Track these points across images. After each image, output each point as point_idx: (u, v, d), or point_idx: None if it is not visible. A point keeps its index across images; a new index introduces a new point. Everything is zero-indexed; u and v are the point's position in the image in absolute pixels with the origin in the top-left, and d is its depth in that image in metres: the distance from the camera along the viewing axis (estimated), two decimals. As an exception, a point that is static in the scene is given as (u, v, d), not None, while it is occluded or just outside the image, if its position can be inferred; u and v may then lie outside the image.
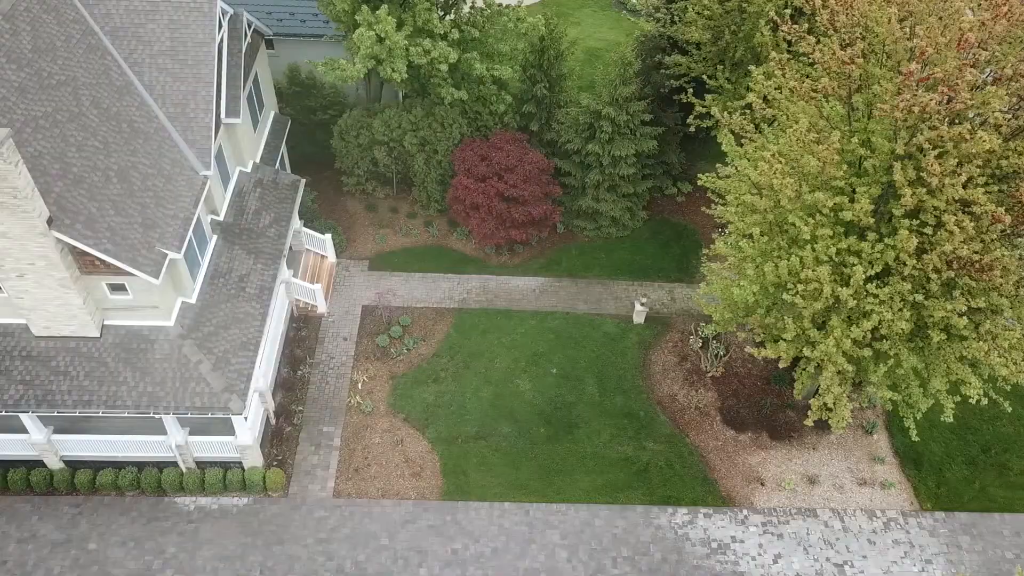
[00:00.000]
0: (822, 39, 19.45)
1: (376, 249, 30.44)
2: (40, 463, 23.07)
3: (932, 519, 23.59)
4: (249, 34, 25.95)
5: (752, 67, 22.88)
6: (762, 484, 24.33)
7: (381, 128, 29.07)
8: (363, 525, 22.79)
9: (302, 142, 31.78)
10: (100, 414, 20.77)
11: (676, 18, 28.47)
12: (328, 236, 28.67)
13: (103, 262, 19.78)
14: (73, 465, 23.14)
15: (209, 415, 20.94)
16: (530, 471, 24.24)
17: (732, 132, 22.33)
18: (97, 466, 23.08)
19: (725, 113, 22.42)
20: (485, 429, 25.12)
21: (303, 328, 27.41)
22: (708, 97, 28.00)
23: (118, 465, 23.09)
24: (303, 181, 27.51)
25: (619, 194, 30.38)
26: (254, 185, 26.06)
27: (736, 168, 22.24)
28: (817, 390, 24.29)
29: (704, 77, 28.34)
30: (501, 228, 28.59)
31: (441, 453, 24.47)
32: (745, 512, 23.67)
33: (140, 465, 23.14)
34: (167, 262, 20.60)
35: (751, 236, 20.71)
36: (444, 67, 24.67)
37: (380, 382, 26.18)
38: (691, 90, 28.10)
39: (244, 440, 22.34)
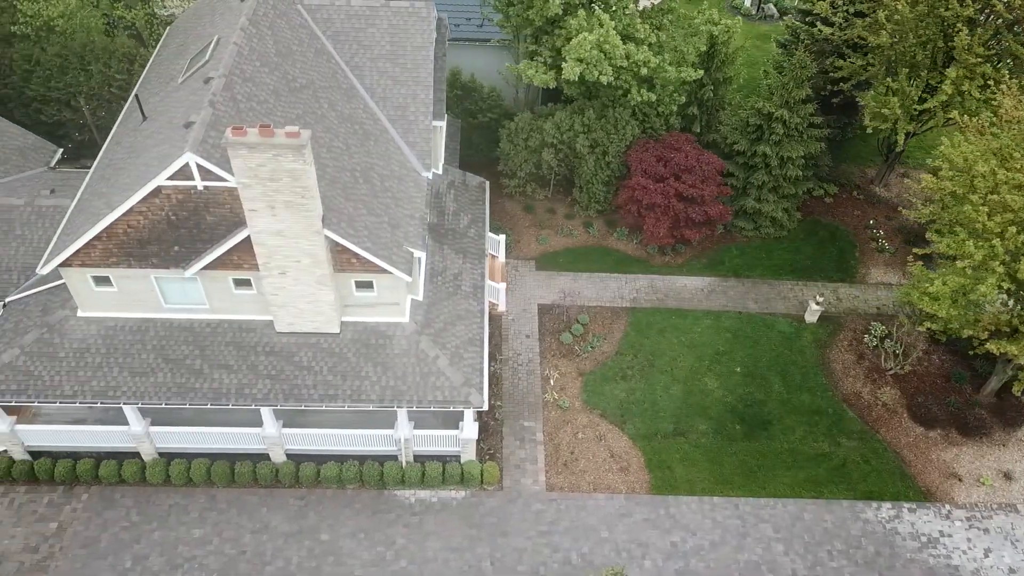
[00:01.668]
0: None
1: (540, 249, 30.97)
2: (266, 456, 23.67)
3: None
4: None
5: (944, 70, 23.40)
6: (959, 480, 24.71)
7: (552, 131, 29.61)
8: (580, 518, 23.28)
9: (461, 145, 32.30)
10: (345, 408, 21.34)
11: (848, 22, 28.85)
12: (502, 237, 29.19)
13: (358, 260, 20.38)
14: (295, 459, 23.69)
15: (451, 409, 21.48)
16: (732, 466, 24.70)
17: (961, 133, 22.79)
18: (319, 460, 23.63)
19: (957, 113, 22.89)
20: (682, 426, 25.59)
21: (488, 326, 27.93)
22: (881, 100, 28.40)
23: (339, 459, 23.64)
24: (487, 183, 28.07)
25: (780, 195, 30.85)
26: (448, 187, 26.63)
27: (958, 166, 22.64)
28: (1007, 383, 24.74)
29: (880, 79, 28.75)
30: (676, 228, 29.09)
31: (643, 448, 24.96)
32: (948, 507, 24.05)
33: (360, 459, 23.67)
34: (414, 260, 21.18)
35: (1000, 234, 21.00)
36: (645, 70, 25.21)
37: (570, 379, 26.70)
38: (867, 93, 28.55)
39: (470, 434, 22.88)
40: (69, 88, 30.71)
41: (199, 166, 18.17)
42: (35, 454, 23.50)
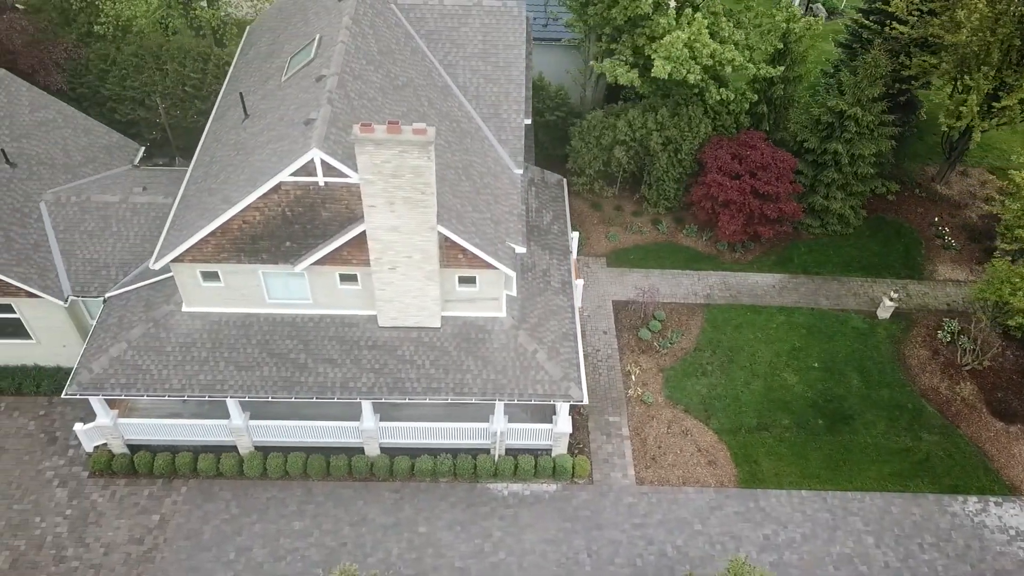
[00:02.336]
0: None
1: (610, 246, 31.23)
2: (359, 450, 23.96)
3: None
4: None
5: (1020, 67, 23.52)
6: (1043, 474, 24.96)
7: (625, 128, 29.88)
8: (672, 511, 23.55)
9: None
10: (449, 401, 21.62)
11: (921, 21, 29.06)
12: (576, 234, 29.44)
13: (465, 255, 20.68)
14: (388, 452, 23.98)
15: (550, 403, 21.77)
16: (817, 460, 24.94)
17: None
18: (412, 453, 23.92)
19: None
20: (765, 420, 25.84)
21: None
22: (957, 98, 28.63)
23: (432, 452, 23.93)
24: (565, 180, 28.36)
25: (848, 192, 31.08)
26: (528, 184, 26.90)
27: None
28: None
29: (950, 77, 28.98)
30: (749, 224, 29.35)
31: (728, 443, 25.21)
32: (1033, 501, 24.30)
33: (451, 452, 23.96)
34: (516, 256, 21.47)
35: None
36: (729, 69, 25.48)
37: (651, 374, 26.96)
38: (927, 91, 28.75)
39: (564, 428, 23.16)
40: (144, 87, 31.05)
41: (323, 162, 18.45)
42: (132, 448, 23.81)
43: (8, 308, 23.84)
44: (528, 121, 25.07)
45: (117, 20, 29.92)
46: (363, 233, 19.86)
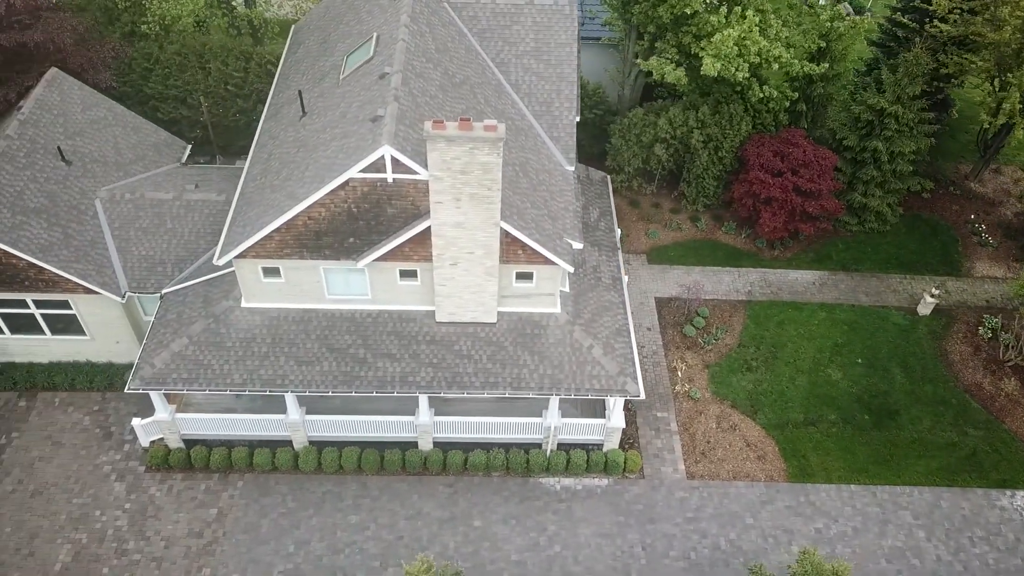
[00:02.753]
0: None
1: (650, 243, 31.44)
2: (411, 444, 24.18)
3: None
4: (574, 36, 27.01)
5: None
6: (1089, 469, 25.12)
7: (665, 126, 30.07)
8: (724, 505, 23.74)
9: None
10: (506, 395, 21.83)
11: (962, 19, 29.22)
12: (619, 231, 29.63)
13: (524, 251, 20.88)
14: (440, 446, 24.18)
15: (607, 397, 21.98)
16: (865, 455, 25.12)
17: None
18: (464, 448, 24.12)
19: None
20: (811, 415, 26.03)
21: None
22: (997, 96, 28.79)
23: (485, 447, 24.13)
24: (608, 177, 28.56)
25: (886, 190, 31.27)
26: (574, 181, 27.06)
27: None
28: None
29: (989, 75, 29.15)
30: (791, 222, 29.54)
31: (776, 438, 25.40)
32: (1081, 495, 24.47)
33: (503, 447, 24.16)
34: (573, 252, 21.67)
35: None
36: (775, 66, 25.67)
37: (697, 370, 27.16)
38: (986, 87, 28.90)
39: (617, 423, 23.36)
40: (186, 86, 31.30)
41: (392, 158, 18.66)
42: (187, 442, 24.03)
43: (65, 304, 24.07)
44: (578, 118, 25.24)
45: (163, 19, 30.15)
46: (426, 229, 20.07)
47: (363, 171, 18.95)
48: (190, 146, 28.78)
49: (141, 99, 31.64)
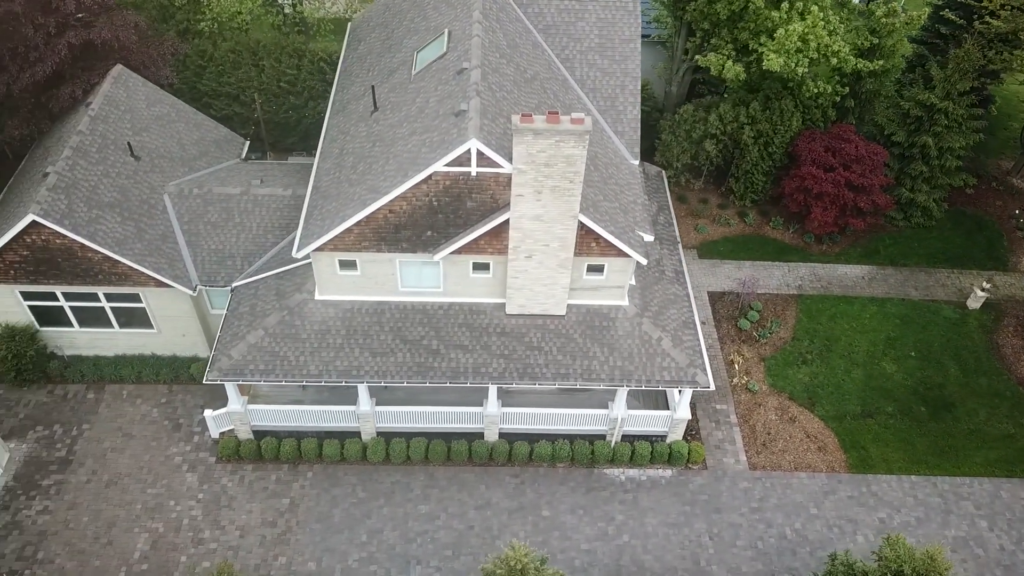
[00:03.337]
0: None
1: (699, 238, 31.72)
2: (478, 435, 24.48)
3: None
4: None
5: None
6: None
7: (715, 122, 30.35)
8: (787, 495, 24.03)
9: (614, 136, 33.11)
10: (577, 386, 22.13)
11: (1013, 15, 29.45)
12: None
13: (598, 244, 21.17)
14: (505, 438, 24.48)
15: (677, 388, 22.27)
16: (924, 446, 25.39)
17: None
18: (530, 439, 24.42)
19: None
20: (869, 408, 26.30)
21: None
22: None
23: (549, 438, 24.43)
24: (664, 172, 28.84)
25: (932, 185, 31.52)
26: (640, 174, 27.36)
27: None
28: None
29: None
30: (842, 217, 29.82)
31: (835, 429, 25.67)
32: None
33: (568, 438, 24.46)
34: (644, 245, 21.96)
35: None
36: (835, 61, 25.94)
37: (753, 363, 27.44)
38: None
39: (683, 414, 23.65)
40: (240, 83, 31.63)
41: (478, 152, 18.96)
42: (256, 434, 24.36)
43: (135, 298, 24.40)
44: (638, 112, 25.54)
45: (220, 17, 30.47)
46: (503, 222, 20.37)
47: (448, 165, 19.24)
48: (248, 142, 29.07)
49: (194, 96, 31.95)
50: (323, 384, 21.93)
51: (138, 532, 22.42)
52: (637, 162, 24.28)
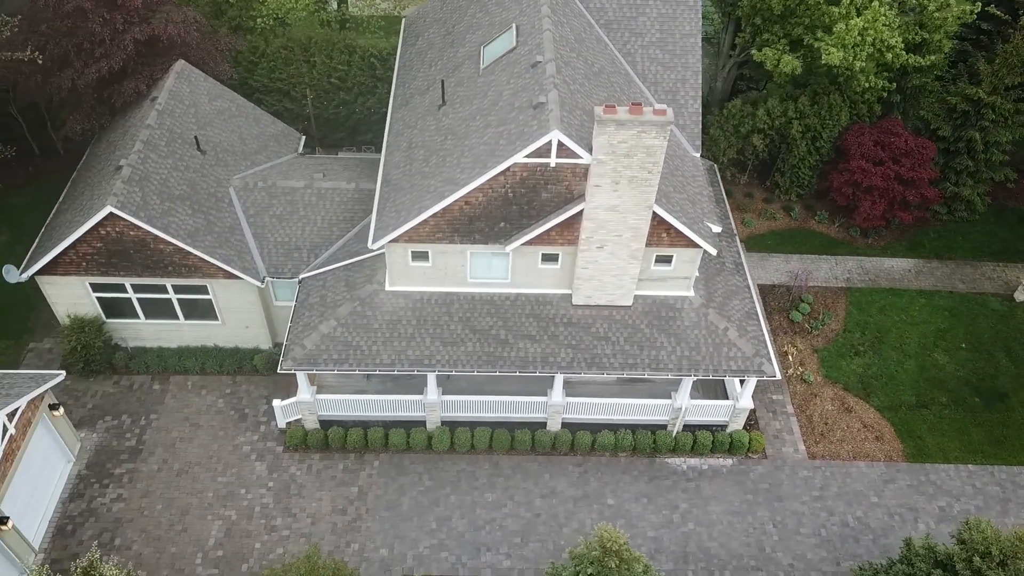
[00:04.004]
0: None
1: (746, 232, 32.02)
2: (540, 425, 24.81)
3: None
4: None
5: None
6: None
7: (764, 117, 30.66)
8: (847, 484, 24.33)
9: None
10: (646, 376, 22.45)
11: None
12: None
13: (668, 234, 21.47)
14: (568, 427, 24.80)
15: (744, 378, 22.58)
16: (979, 436, 25.68)
17: None
18: (592, 429, 24.74)
19: None
20: (923, 398, 26.60)
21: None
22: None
23: (611, 428, 24.75)
24: (715, 165, 29.15)
25: (977, 179, 31.80)
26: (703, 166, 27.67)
27: None
28: None
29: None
30: (889, 210, 30.11)
31: (891, 419, 25.98)
32: None
33: (629, 428, 24.77)
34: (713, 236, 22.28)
35: None
36: (890, 55, 26.24)
37: (806, 355, 27.75)
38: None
39: (747, 403, 23.96)
40: (291, 79, 31.99)
41: (559, 143, 19.28)
42: (322, 423, 24.70)
43: (203, 289, 24.75)
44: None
45: (276, 13, 30.82)
46: (576, 214, 20.68)
47: (528, 156, 19.56)
48: (303, 138, 29.41)
49: (246, 92, 32.26)
50: (395, 373, 22.25)
51: (211, 519, 22.77)
52: (699, 155, 24.59)
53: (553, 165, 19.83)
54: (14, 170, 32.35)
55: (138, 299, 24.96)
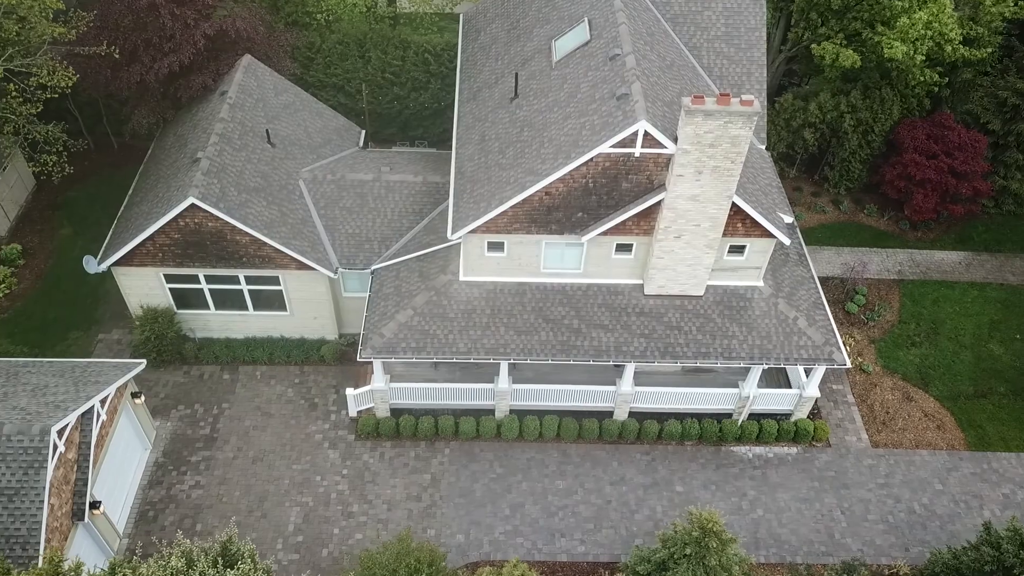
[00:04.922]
0: None
1: (798, 225, 32.28)
2: (609, 414, 25.15)
3: None
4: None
5: None
6: None
7: (815, 111, 30.97)
8: (911, 472, 24.65)
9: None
10: (718, 365, 22.80)
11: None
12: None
13: (743, 224, 21.80)
14: (634, 416, 25.14)
15: (814, 366, 22.91)
16: (1039, 425, 26.04)
17: None
18: (658, 417, 25.08)
19: None
20: (981, 388, 26.91)
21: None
22: None
23: (677, 417, 25.08)
24: (770, 155, 29.40)
25: (1025, 173, 32.12)
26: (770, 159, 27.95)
27: None
28: None
29: None
30: (942, 203, 30.42)
31: (951, 409, 26.29)
32: None
33: (695, 417, 25.09)
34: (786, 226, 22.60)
35: None
36: (948, 49, 26.54)
37: (864, 345, 28.06)
38: None
39: (813, 392, 24.28)
40: (346, 74, 32.34)
41: (645, 133, 19.61)
42: (393, 412, 25.06)
43: (274, 280, 25.12)
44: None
45: (332, 11, 31.18)
46: (655, 203, 21.01)
47: (613, 146, 19.89)
48: (364, 131, 29.76)
49: (302, 87, 32.51)
50: (472, 361, 22.59)
51: (289, 506, 23.13)
52: (764, 147, 24.91)
53: (638, 155, 20.17)
54: (72, 165, 32.67)
55: (210, 290, 25.34)
